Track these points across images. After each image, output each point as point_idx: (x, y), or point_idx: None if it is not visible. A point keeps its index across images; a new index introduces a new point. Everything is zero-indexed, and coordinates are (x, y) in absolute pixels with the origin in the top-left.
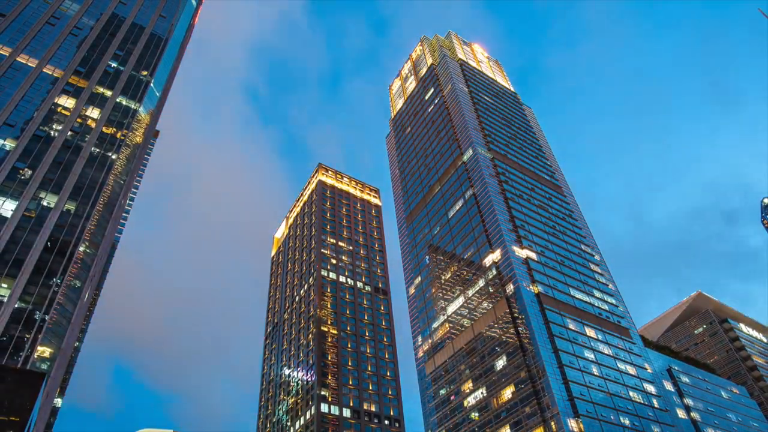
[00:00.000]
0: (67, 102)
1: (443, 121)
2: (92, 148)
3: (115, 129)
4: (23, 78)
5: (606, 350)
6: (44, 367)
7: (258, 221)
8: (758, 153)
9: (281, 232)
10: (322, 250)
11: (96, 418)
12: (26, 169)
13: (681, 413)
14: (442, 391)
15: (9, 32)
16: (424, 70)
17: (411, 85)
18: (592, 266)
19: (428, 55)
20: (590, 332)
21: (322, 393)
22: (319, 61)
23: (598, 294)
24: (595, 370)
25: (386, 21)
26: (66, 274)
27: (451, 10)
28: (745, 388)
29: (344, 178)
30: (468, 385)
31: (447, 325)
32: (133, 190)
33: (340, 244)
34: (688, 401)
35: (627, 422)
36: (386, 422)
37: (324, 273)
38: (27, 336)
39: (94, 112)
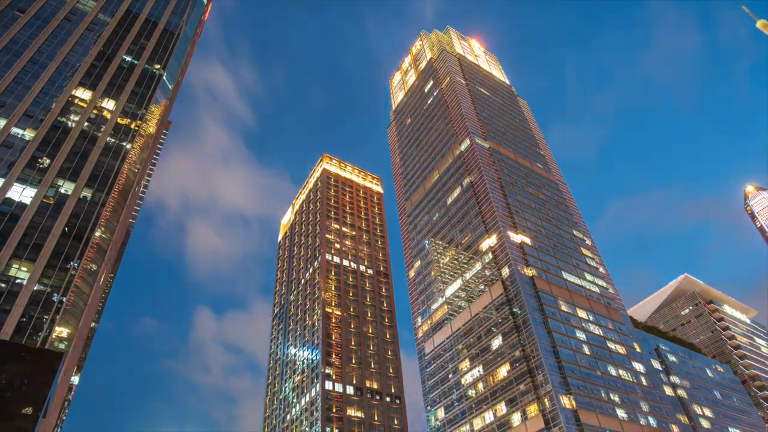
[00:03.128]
0: (83, 94)
1: (442, 113)
2: (108, 138)
3: (129, 120)
4: (42, 71)
5: (597, 330)
6: (62, 346)
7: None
8: None
9: (287, 218)
10: (327, 236)
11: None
12: (45, 158)
13: (668, 390)
14: (441, 370)
15: (29, 28)
16: (423, 64)
17: (411, 78)
18: (584, 251)
19: (427, 50)
20: (582, 313)
21: (327, 371)
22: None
23: (589, 277)
24: (586, 349)
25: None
26: (83, 258)
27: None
28: (729, 366)
29: (347, 167)
30: (465, 364)
31: (445, 307)
32: (146, 177)
33: (344, 229)
34: (675, 379)
35: (617, 399)
36: (387, 399)
37: (328, 257)
38: (45, 317)
39: (109, 104)
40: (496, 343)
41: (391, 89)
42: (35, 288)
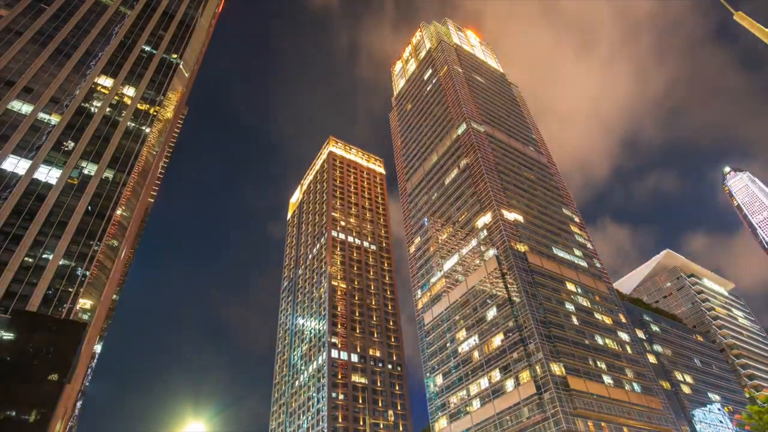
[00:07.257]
0: (105, 81)
1: (440, 99)
2: (128, 123)
3: (148, 105)
4: (67, 60)
5: (585, 302)
6: (85, 317)
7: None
8: None
9: (296, 197)
10: (333, 214)
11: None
12: (69, 141)
13: (651, 358)
14: (439, 339)
15: (54, 19)
16: (423, 54)
17: (411, 66)
18: (573, 227)
19: (427, 40)
20: (571, 286)
21: (333, 340)
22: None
23: (577, 252)
24: (575, 320)
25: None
26: (105, 235)
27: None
28: (709, 336)
29: (352, 149)
30: (462, 334)
31: (443, 280)
32: (164, 159)
33: (349, 208)
34: (658, 348)
35: (603, 366)
36: (389, 366)
37: (334, 234)
38: (70, 290)
39: (129, 91)
40: (491, 314)
41: (392, 77)
42: (60, 263)
